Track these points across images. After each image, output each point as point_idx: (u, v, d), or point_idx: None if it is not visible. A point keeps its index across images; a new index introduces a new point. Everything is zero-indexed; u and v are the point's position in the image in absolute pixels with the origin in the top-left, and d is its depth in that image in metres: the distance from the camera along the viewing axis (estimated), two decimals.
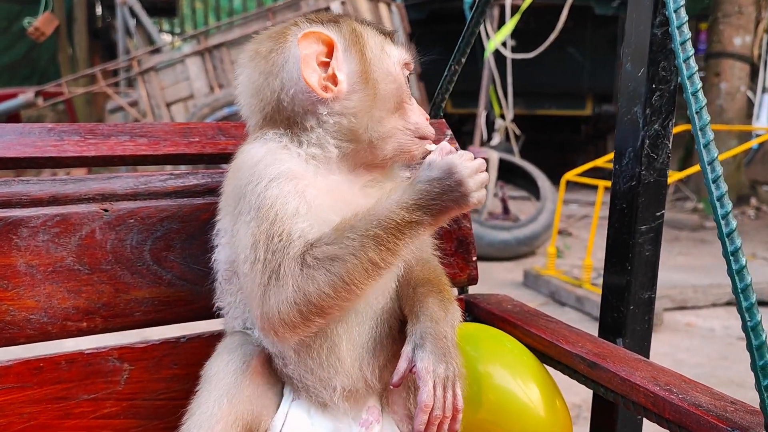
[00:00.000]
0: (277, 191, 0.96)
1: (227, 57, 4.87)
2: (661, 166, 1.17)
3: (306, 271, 0.91)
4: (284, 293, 0.92)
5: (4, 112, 5.71)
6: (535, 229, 5.30)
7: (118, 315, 1.13)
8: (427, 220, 0.93)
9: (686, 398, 0.95)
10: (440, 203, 0.92)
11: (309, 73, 1.00)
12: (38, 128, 1.15)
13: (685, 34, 0.92)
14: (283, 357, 1.04)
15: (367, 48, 1.04)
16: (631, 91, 1.16)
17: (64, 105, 6.52)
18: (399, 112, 1.05)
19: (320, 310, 0.92)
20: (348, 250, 0.91)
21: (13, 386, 1.06)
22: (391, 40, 1.09)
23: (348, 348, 1.03)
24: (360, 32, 1.05)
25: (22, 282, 1.07)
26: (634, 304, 1.20)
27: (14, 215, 1.08)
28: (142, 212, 1.16)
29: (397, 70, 1.06)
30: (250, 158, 1.01)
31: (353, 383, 1.04)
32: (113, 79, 5.51)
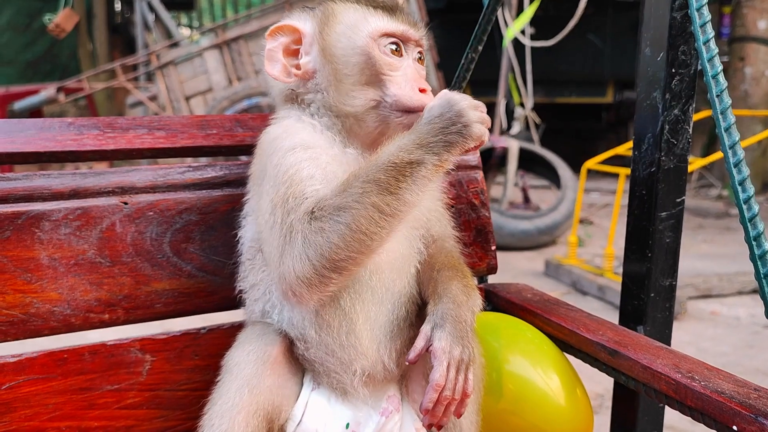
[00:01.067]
0: (292, 159, 1.01)
1: (245, 49, 4.88)
2: (681, 152, 1.15)
3: (314, 223, 0.93)
4: (296, 248, 0.93)
5: (27, 108, 5.79)
6: (556, 218, 5.26)
7: (139, 307, 1.14)
8: (430, 159, 0.92)
9: (708, 385, 0.94)
10: (442, 138, 0.93)
11: (270, 66, 1.09)
12: (58, 123, 1.16)
13: (705, 16, 0.91)
14: (304, 340, 1.05)
15: (331, 26, 1.07)
16: (650, 76, 1.14)
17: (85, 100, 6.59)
18: (374, 85, 1.05)
19: (333, 264, 0.92)
20: (352, 197, 0.92)
21: (39, 377, 1.08)
22: (385, 13, 1.08)
23: (365, 327, 1.04)
24: (331, 12, 1.08)
25: (45, 275, 1.09)
26: (654, 292, 1.19)
27: (36, 209, 1.09)
28: (161, 205, 1.17)
29: (365, 42, 1.05)
30: (269, 136, 1.07)
31: (371, 365, 1.05)
32: (133, 74, 5.55)
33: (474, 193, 1.39)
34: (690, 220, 6.69)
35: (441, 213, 1.18)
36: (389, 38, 1.06)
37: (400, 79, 1.05)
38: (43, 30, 8.01)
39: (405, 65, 1.07)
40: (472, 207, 1.38)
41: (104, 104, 8.35)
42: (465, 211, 1.37)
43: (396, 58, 1.06)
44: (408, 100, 1.04)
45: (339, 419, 1.06)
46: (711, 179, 7.98)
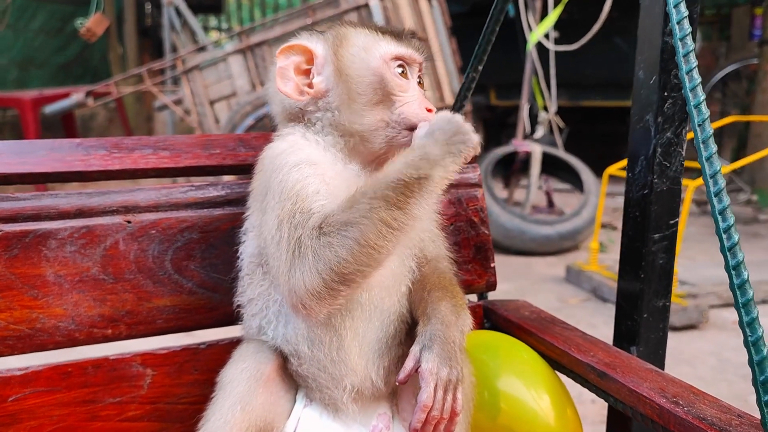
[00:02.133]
0: (297, 175, 1.04)
1: (269, 55, 4.94)
2: (674, 174, 1.15)
3: (323, 239, 0.96)
4: (306, 263, 0.96)
5: (58, 111, 5.92)
6: (578, 223, 5.23)
7: (141, 322, 1.18)
8: (437, 172, 0.96)
9: (691, 411, 0.95)
10: (447, 149, 0.97)
11: (282, 83, 1.12)
12: (67, 143, 1.21)
13: (688, 45, 0.91)
14: (298, 356, 1.08)
15: (345, 48, 1.11)
16: (643, 99, 1.15)
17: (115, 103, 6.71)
18: (384, 105, 1.10)
19: (342, 277, 0.95)
20: (360, 213, 0.94)
21: (44, 390, 1.13)
22: (392, 38, 1.13)
23: (353, 343, 1.07)
24: (344, 35, 1.13)
25: (51, 291, 1.13)
26: (647, 312, 1.19)
27: (43, 228, 1.14)
28: (163, 223, 1.20)
29: (378, 63, 1.10)
30: (273, 152, 1.10)
31: (360, 382, 1.07)
32: (159, 78, 5.64)
33: (474, 210, 1.41)
34: None
35: (435, 234, 1.20)
36: (398, 61, 1.11)
37: (409, 98, 1.11)
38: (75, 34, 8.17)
39: (411, 86, 1.13)
40: (472, 224, 1.40)
41: (133, 106, 8.50)
42: (464, 229, 1.39)
43: (404, 80, 1.11)
44: (416, 118, 1.09)
45: None
46: (740, 183, 7.85)
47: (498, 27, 1.36)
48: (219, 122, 5.09)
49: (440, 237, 1.21)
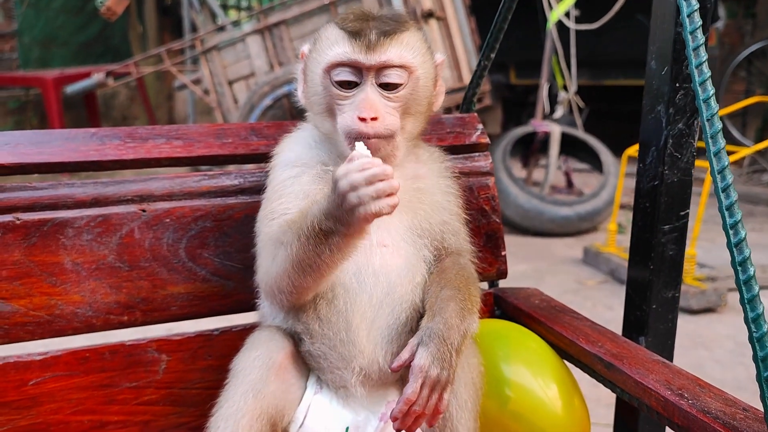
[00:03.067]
0: (280, 175, 1.13)
1: (286, 35, 4.93)
2: (685, 166, 1.15)
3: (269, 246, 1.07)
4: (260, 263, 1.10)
5: (79, 91, 5.97)
6: (597, 204, 5.19)
7: (156, 309, 1.21)
8: (340, 228, 0.96)
9: (696, 404, 0.95)
10: (339, 215, 0.94)
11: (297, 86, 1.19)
12: (82, 133, 1.23)
13: (699, 39, 0.91)
14: (310, 333, 1.11)
15: (313, 53, 1.13)
16: (654, 90, 1.14)
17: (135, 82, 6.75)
18: (332, 113, 1.10)
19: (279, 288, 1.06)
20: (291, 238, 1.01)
21: (63, 374, 1.16)
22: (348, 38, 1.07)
23: (361, 326, 1.10)
24: (317, 38, 1.14)
25: (68, 278, 1.16)
26: (656, 303, 1.20)
27: (60, 216, 1.16)
28: (177, 212, 1.22)
29: (321, 74, 1.09)
30: (277, 150, 1.20)
31: (368, 364, 1.10)
32: (179, 58, 5.66)
33: (485, 199, 1.41)
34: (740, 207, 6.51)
35: (457, 227, 1.21)
36: (344, 68, 1.07)
37: (347, 108, 1.08)
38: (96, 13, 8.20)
39: (354, 94, 1.07)
40: (483, 213, 1.40)
41: (154, 85, 8.54)
42: (476, 217, 1.40)
43: (344, 90, 1.08)
44: (346, 129, 1.07)
45: (340, 422, 1.11)
46: (764, 164, 7.73)
47: (510, 15, 1.35)
48: (238, 102, 5.11)
49: (463, 231, 1.22)
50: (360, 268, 1.09)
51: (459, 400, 1.11)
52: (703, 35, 0.91)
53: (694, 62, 0.90)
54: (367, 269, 1.09)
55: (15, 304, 1.13)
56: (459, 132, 1.43)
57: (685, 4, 0.90)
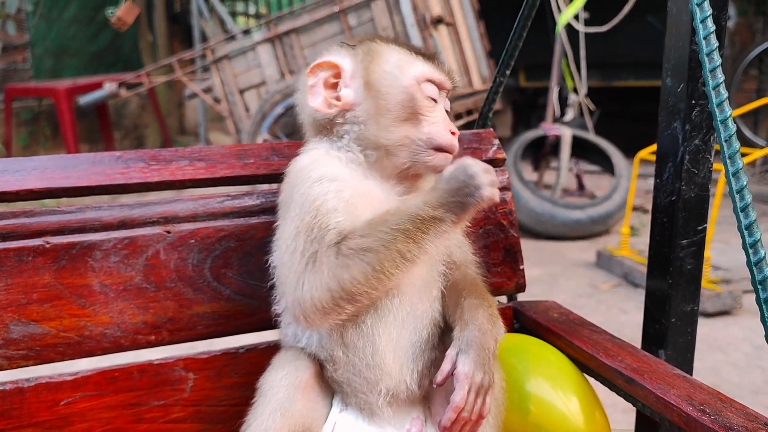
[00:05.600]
0: (319, 190, 1.10)
1: (297, 43, 4.96)
2: (702, 181, 1.16)
3: (341, 259, 1.02)
4: (319, 279, 1.02)
5: (91, 102, 6.03)
6: (610, 207, 5.19)
7: (182, 329, 1.23)
8: (449, 217, 1.02)
9: (718, 420, 0.97)
10: (458, 199, 1.01)
11: (312, 99, 1.17)
12: (108, 157, 1.25)
13: (715, 60, 0.92)
14: (333, 361, 1.12)
15: (376, 63, 1.16)
16: (670, 107, 1.16)
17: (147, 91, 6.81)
18: (411, 123, 1.14)
19: (351, 297, 1.02)
20: (380, 242, 1.01)
21: (93, 394, 1.19)
22: (424, 59, 1.18)
23: (388, 348, 1.11)
24: (376, 51, 1.17)
25: (97, 300, 1.19)
26: (675, 317, 1.21)
27: (89, 239, 1.19)
28: (201, 233, 1.25)
29: (410, 82, 1.14)
30: (298, 166, 1.17)
31: (395, 385, 1.11)
32: (190, 68, 5.71)
33: (502, 213, 1.43)
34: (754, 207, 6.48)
35: (461, 240, 1.24)
36: (430, 84, 1.16)
37: (435, 119, 1.15)
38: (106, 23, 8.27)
39: (439, 109, 1.17)
40: (501, 228, 1.42)
41: (165, 93, 8.60)
42: (494, 232, 1.41)
43: (432, 102, 1.16)
44: (441, 138, 1.14)
45: None
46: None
47: (525, 33, 1.37)
48: (249, 111, 5.14)
49: (466, 243, 1.25)
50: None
51: None
52: (719, 56, 0.92)
53: (711, 84, 0.91)
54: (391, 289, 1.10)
55: (46, 326, 1.16)
56: (476, 147, 1.45)
57: (701, 26, 0.92)
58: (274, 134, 4.98)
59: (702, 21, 0.92)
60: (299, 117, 1.26)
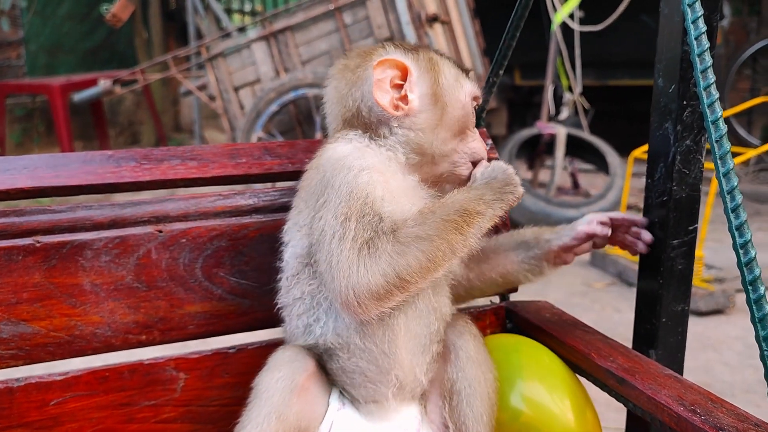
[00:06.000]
0: (367, 178, 1.08)
1: (292, 41, 4.95)
2: (693, 181, 1.16)
3: (398, 246, 1.02)
4: (377, 265, 1.01)
5: (86, 99, 6.02)
6: (604, 206, 5.20)
7: (174, 328, 1.23)
8: (489, 212, 1.08)
9: (708, 420, 0.97)
10: (498, 196, 1.10)
11: (380, 95, 1.16)
12: (99, 156, 1.25)
13: (707, 61, 0.92)
14: (348, 348, 1.11)
15: (442, 75, 1.19)
16: (662, 107, 1.16)
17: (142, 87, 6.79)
18: (461, 137, 1.20)
19: (404, 284, 1.02)
20: (434, 231, 1.03)
21: (83, 394, 1.18)
22: (466, 75, 1.24)
23: (405, 338, 1.11)
24: (436, 61, 1.21)
25: (88, 299, 1.18)
26: (666, 317, 1.21)
27: (79, 239, 1.18)
28: (193, 232, 1.24)
29: (467, 99, 1.20)
30: (337, 153, 1.13)
31: (405, 375, 1.12)
32: (185, 65, 5.69)
33: None
34: (747, 206, 6.45)
35: None
36: (475, 101, 1.23)
37: (477, 136, 1.23)
38: (101, 20, 8.25)
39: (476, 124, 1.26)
40: (496, 230, 1.42)
41: (159, 90, 8.58)
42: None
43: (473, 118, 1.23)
44: (482, 153, 1.22)
45: None
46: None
47: (518, 33, 1.37)
48: (244, 108, 5.13)
49: None
50: None
51: (476, 413, 1.14)
52: (710, 57, 0.92)
53: (702, 84, 0.91)
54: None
55: (36, 326, 1.15)
56: None
57: (692, 26, 0.92)
58: (268, 132, 4.98)
59: (693, 22, 0.92)
60: (330, 105, 1.25)
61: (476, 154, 1.21)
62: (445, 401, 1.17)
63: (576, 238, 1.28)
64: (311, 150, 1.35)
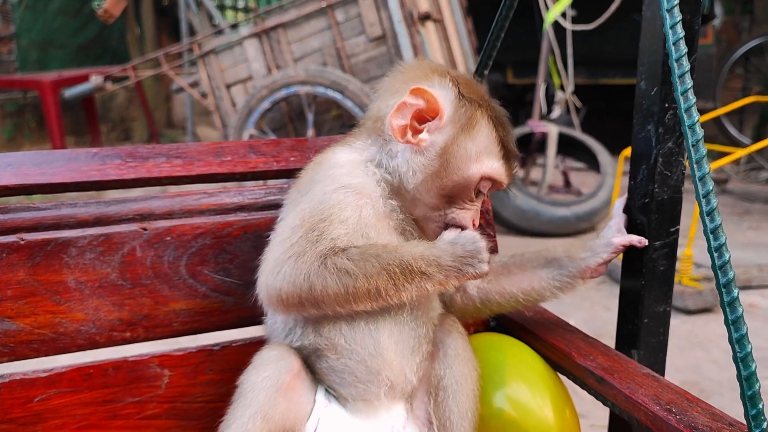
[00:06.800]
0: (341, 197, 1.10)
1: (284, 38, 4.94)
2: (675, 183, 1.18)
3: (322, 270, 1.03)
4: (294, 277, 1.04)
5: (77, 96, 6.00)
6: (595, 204, 5.23)
7: (158, 325, 1.23)
8: (438, 277, 1.04)
9: (683, 419, 0.98)
10: (457, 265, 1.04)
11: (396, 116, 1.12)
12: (84, 153, 1.25)
13: (684, 66, 0.93)
14: (334, 350, 1.12)
15: (467, 137, 1.11)
16: (644, 110, 1.17)
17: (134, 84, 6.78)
18: (447, 200, 1.14)
19: (316, 303, 1.05)
20: (363, 272, 1.02)
21: (67, 390, 1.19)
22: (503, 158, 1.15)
23: (389, 341, 1.12)
24: (475, 122, 1.12)
25: (72, 297, 1.19)
26: (648, 317, 1.22)
27: (64, 236, 1.19)
28: (177, 230, 1.25)
29: (476, 177, 1.12)
30: (333, 162, 1.15)
31: (395, 376, 1.12)
32: (177, 62, 5.68)
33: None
34: (736, 205, 6.55)
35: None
36: (489, 181, 1.15)
37: (468, 208, 1.15)
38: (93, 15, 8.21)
39: (478, 201, 1.17)
40: (479, 227, 1.43)
41: (152, 87, 8.56)
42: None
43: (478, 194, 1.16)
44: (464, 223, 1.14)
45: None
46: (761, 161, 7.77)
47: (504, 31, 1.38)
48: (236, 105, 5.13)
49: None
50: None
51: (461, 409, 1.15)
52: (689, 62, 0.93)
53: (680, 89, 0.92)
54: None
55: (20, 323, 1.16)
56: None
57: (671, 32, 0.93)
58: (260, 129, 4.97)
59: (672, 27, 0.93)
60: (369, 110, 1.23)
61: (453, 220, 1.14)
62: (430, 397, 1.18)
63: (615, 252, 1.22)
64: (297, 148, 1.36)
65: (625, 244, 1.21)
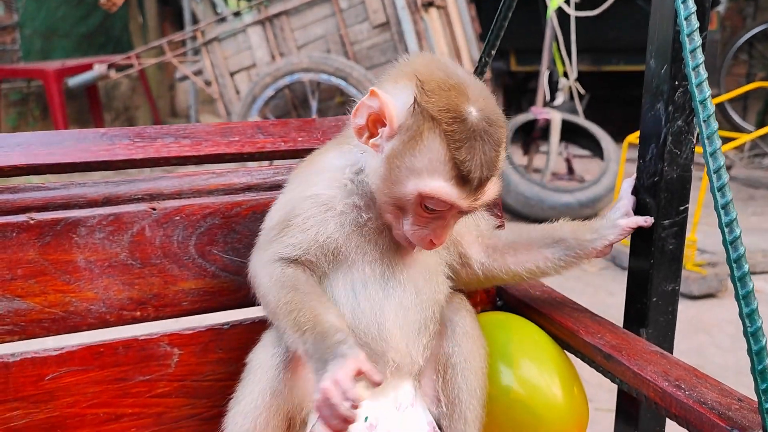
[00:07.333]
0: (307, 206, 1.11)
1: (287, 26, 4.93)
2: (684, 162, 1.17)
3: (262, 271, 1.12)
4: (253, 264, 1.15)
5: (81, 84, 5.98)
6: (598, 191, 5.21)
7: (168, 305, 1.24)
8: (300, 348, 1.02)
9: (692, 395, 0.98)
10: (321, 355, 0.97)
11: (355, 116, 1.06)
12: (92, 134, 1.25)
13: (696, 41, 0.93)
14: None
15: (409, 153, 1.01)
16: (654, 88, 1.17)
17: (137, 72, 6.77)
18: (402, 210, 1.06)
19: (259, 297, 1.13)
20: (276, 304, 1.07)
21: (78, 369, 1.19)
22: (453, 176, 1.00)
23: (394, 325, 1.12)
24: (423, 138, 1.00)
25: (82, 276, 1.19)
26: (656, 296, 1.22)
27: (73, 216, 1.19)
28: (186, 210, 1.25)
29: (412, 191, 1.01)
30: (319, 166, 1.16)
31: (401, 358, 1.13)
32: (180, 50, 5.66)
33: None
34: (741, 191, 6.53)
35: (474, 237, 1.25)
36: (433, 201, 1.01)
37: (421, 224, 1.05)
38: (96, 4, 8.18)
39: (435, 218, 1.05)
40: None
41: (155, 75, 8.54)
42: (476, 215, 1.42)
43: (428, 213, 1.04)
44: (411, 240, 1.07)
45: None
46: (765, 147, 7.74)
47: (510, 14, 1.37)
48: (239, 93, 5.12)
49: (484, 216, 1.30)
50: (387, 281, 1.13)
51: (469, 387, 1.17)
52: (700, 37, 0.93)
53: (691, 64, 0.92)
54: (393, 280, 1.13)
55: (31, 302, 1.16)
56: None
57: (682, 6, 0.93)
58: (264, 117, 4.97)
59: (683, 1, 0.93)
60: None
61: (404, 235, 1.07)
62: (438, 375, 1.19)
63: (622, 234, 1.20)
64: (304, 129, 1.36)
65: (632, 226, 1.20)
